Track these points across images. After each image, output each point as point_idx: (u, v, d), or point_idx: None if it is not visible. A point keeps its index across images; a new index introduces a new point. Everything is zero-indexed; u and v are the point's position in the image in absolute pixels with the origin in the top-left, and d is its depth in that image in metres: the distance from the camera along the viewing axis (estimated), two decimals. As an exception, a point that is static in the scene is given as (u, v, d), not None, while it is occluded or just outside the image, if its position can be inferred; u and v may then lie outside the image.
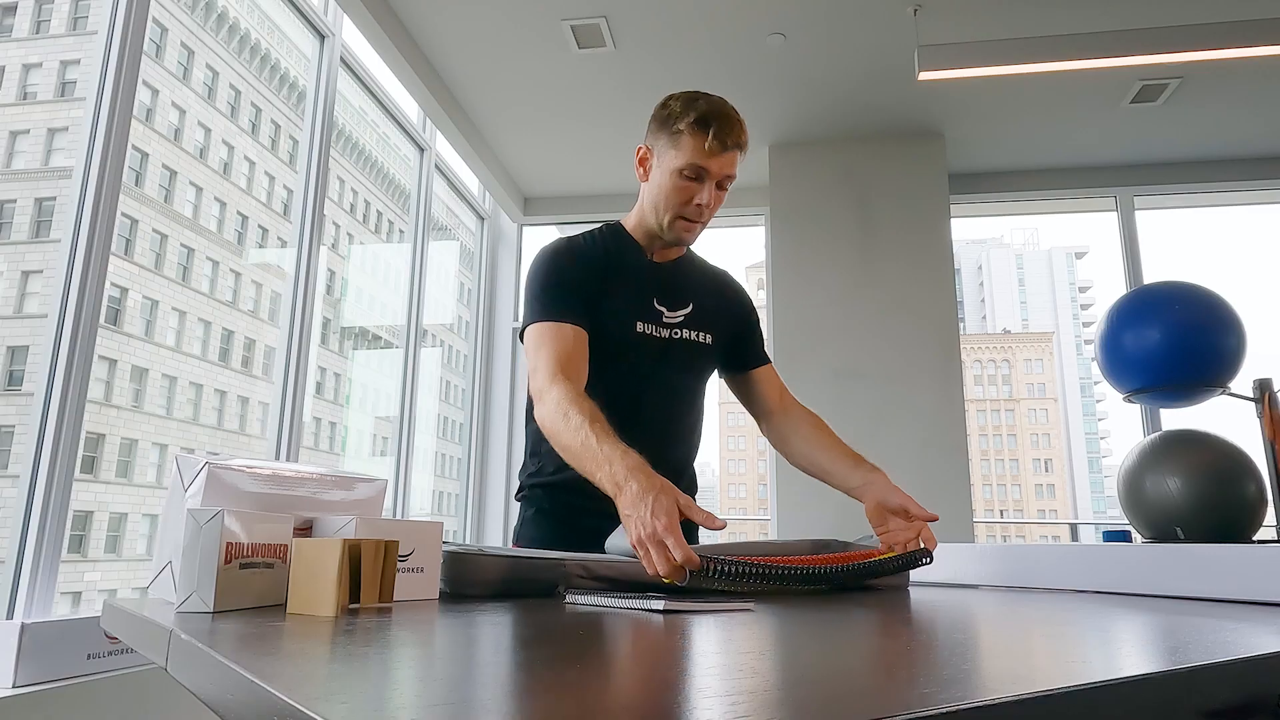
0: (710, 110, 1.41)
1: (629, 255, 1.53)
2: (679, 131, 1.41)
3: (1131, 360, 2.92)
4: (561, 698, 0.41)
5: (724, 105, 1.44)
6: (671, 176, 1.42)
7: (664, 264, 1.55)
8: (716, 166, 1.40)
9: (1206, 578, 1.05)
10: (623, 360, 1.46)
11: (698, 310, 1.54)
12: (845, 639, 0.70)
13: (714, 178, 1.42)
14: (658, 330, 1.49)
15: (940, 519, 1.33)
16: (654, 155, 1.47)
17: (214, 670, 0.51)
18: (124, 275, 3.71)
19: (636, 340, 1.47)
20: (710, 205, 1.43)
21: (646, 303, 1.50)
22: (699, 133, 1.39)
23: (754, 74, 3.89)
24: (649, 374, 1.48)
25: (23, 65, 3.45)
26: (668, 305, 1.51)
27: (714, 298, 1.59)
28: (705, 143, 1.38)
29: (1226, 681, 0.50)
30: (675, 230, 1.46)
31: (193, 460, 0.90)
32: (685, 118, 1.40)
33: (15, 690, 1.63)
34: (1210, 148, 4.59)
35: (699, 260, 1.64)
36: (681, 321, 1.52)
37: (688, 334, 1.52)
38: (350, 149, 4.60)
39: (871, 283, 4.39)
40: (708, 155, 1.39)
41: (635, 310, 1.48)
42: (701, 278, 1.60)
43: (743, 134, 1.42)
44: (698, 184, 1.42)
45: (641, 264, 1.53)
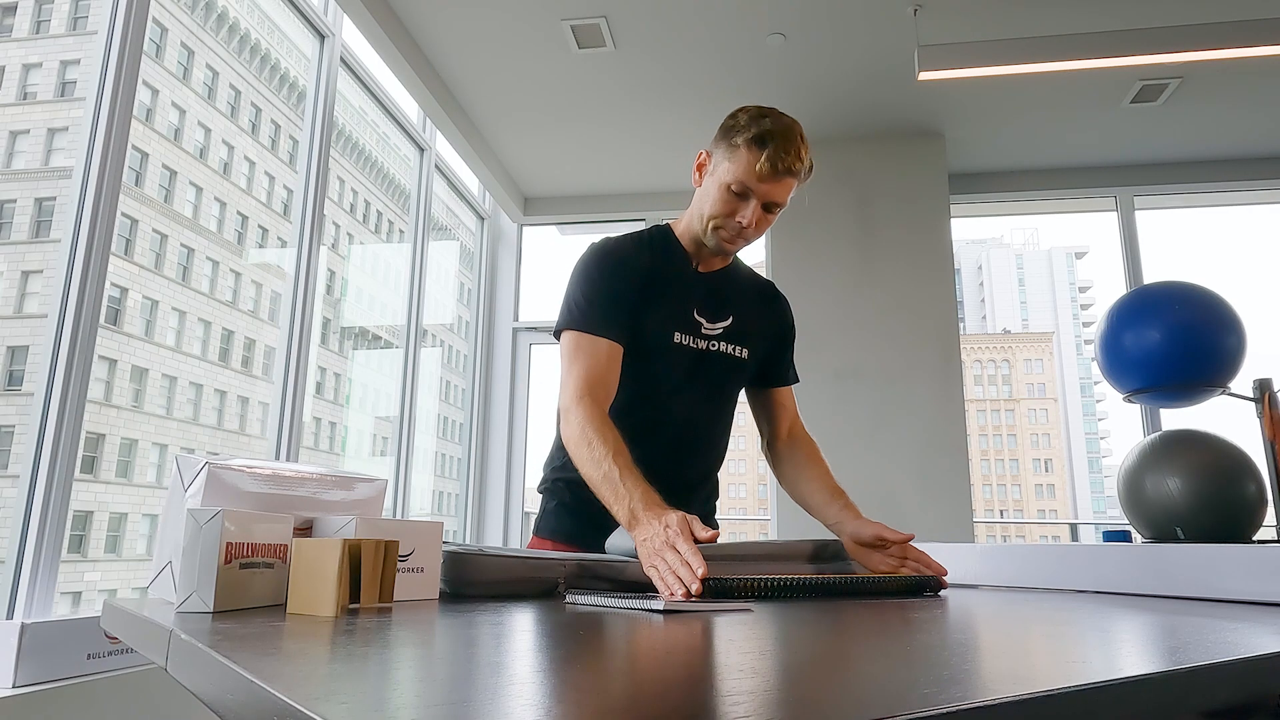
0: (772, 131, 1.35)
1: (675, 263, 1.50)
2: (736, 145, 1.37)
3: (1131, 360, 2.92)
4: (562, 698, 0.41)
5: (790, 129, 1.37)
6: (720, 189, 1.40)
7: (708, 274, 1.52)
8: (764, 190, 1.37)
9: (1206, 578, 1.05)
10: (656, 368, 1.45)
11: (737, 323, 1.52)
12: (845, 639, 0.70)
13: (760, 199, 1.38)
14: (695, 341, 1.47)
15: (940, 519, 1.32)
16: (711, 162, 1.45)
17: (214, 670, 0.51)
18: (124, 275, 3.71)
19: (673, 350, 1.45)
20: (754, 226, 1.40)
21: (687, 313, 1.48)
22: (754, 151, 1.35)
23: (754, 74, 3.89)
24: (680, 384, 1.47)
25: (23, 65, 3.45)
26: (707, 317, 1.49)
27: (755, 311, 1.56)
28: (757, 163, 1.34)
29: (1226, 681, 0.50)
30: (716, 238, 1.44)
31: (193, 460, 0.90)
32: (746, 133, 1.36)
33: (15, 690, 1.63)
34: (1210, 148, 4.59)
35: (745, 270, 1.61)
36: (720, 334, 1.50)
37: (724, 347, 1.50)
38: (350, 149, 4.60)
39: (871, 283, 4.39)
40: (757, 176, 1.35)
41: (675, 320, 1.46)
42: (745, 290, 1.57)
43: (798, 161, 1.35)
44: (743, 202, 1.39)
45: (686, 273, 1.51)
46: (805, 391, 5.00)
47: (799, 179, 1.39)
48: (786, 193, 1.39)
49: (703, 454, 1.54)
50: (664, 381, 1.46)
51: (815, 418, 4.35)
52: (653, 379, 1.45)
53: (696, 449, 1.52)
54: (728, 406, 1.57)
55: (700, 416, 1.51)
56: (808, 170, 1.39)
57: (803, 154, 1.36)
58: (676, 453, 1.48)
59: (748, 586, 0.98)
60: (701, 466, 1.55)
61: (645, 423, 1.43)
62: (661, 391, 1.46)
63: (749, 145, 1.35)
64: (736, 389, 1.57)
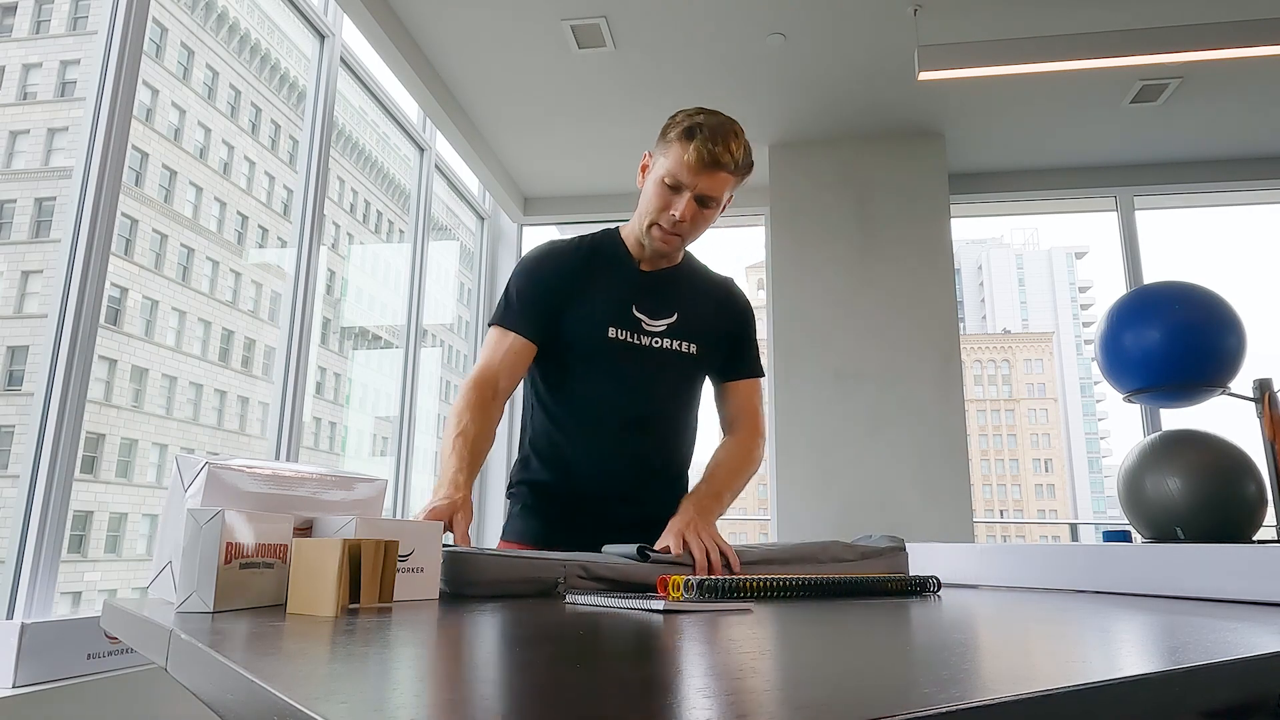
0: (702, 124, 1.38)
1: (616, 262, 1.53)
2: (670, 141, 1.41)
3: (1131, 360, 2.92)
4: (561, 698, 0.41)
5: (723, 125, 1.40)
6: (655, 184, 1.43)
7: (652, 272, 1.54)
8: (694, 181, 1.39)
9: (1206, 578, 1.05)
10: (592, 363, 1.48)
11: (683, 320, 1.52)
12: (845, 639, 0.70)
13: (692, 192, 1.40)
14: (635, 337, 1.49)
15: (940, 519, 1.33)
16: (652, 162, 1.48)
17: (214, 670, 0.51)
18: (124, 275, 3.71)
19: (607, 345, 1.47)
20: (688, 220, 1.42)
21: (624, 310, 1.49)
22: (684, 143, 1.38)
23: (754, 74, 3.89)
24: (618, 379, 1.48)
25: (23, 65, 3.45)
26: (648, 314, 1.51)
27: (705, 308, 1.57)
28: (685, 154, 1.37)
29: (1226, 681, 0.50)
30: (651, 238, 1.47)
31: (193, 460, 0.90)
32: (678, 128, 1.41)
33: (15, 690, 1.63)
34: (1210, 148, 4.59)
35: (697, 268, 1.62)
36: (663, 331, 1.51)
37: (669, 343, 1.51)
38: (350, 149, 4.60)
39: (871, 283, 4.39)
40: (686, 167, 1.38)
41: (609, 316, 1.48)
42: (694, 288, 1.58)
43: (726, 153, 1.37)
44: (676, 195, 1.41)
45: (627, 271, 1.53)
46: (805, 392, 4.97)
47: (731, 172, 1.40)
48: (720, 187, 1.41)
49: (656, 452, 1.54)
50: (601, 374, 1.48)
51: (815, 418, 4.37)
52: (589, 373, 1.48)
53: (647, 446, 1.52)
54: (680, 403, 1.56)
55: (646, 412, 1.51)
56: (742, 166, 1.41)
57: (733, 148, 1.38)
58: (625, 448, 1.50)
59: (748, 586, 0.98)
60: (660, 465, 1.55)
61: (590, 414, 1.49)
62: (601, 384, 1.48)
63: (679, 138, 1.39)
64: (689, 384, 1.57)
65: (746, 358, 1.62)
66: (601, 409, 1.48)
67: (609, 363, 1.47)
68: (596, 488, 1.48)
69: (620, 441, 1.49)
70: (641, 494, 1.50)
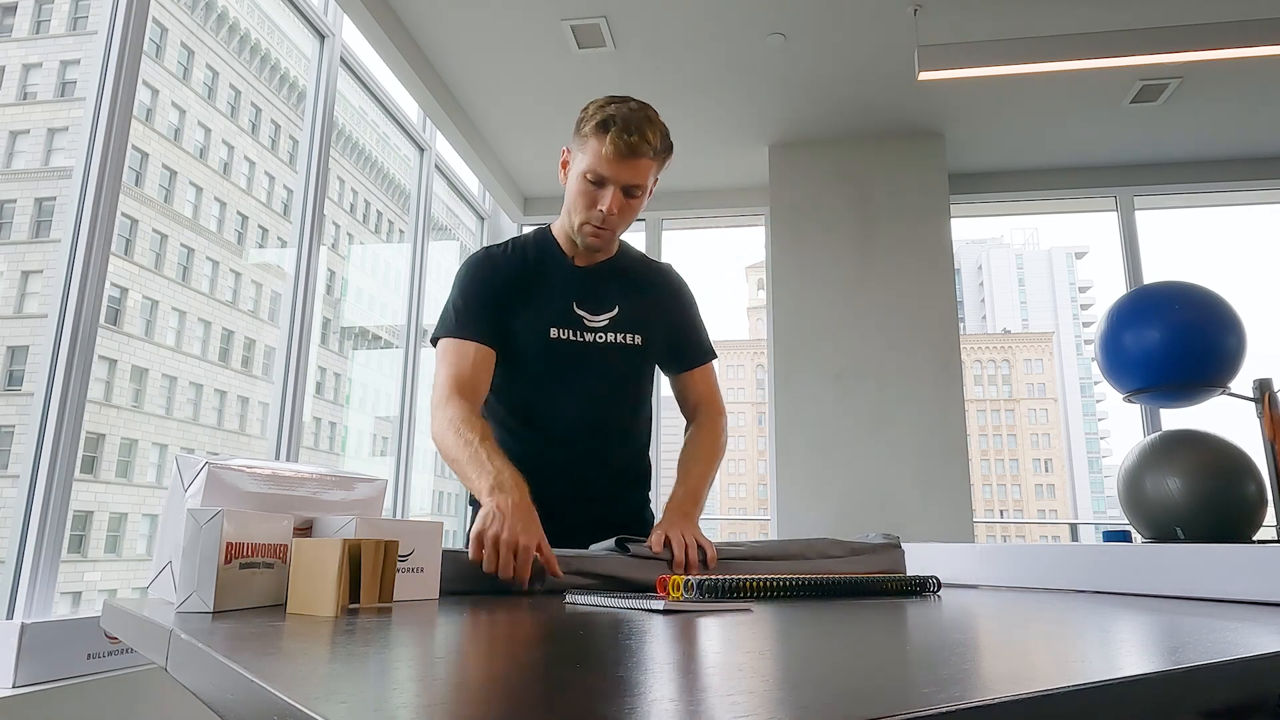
0: (615, 115, 1.37)
1: (551, 261, 1.52)
2: (585, 136, 1.40)
3: (1131, 360, 2.92)
4: (561, 698, 0.41)
5: (636, 112, 1.39)
6: (578, 181, 1.42)
7: (588, 268, 1.52)
8: (616, 173, 1.38)
9: (1206, 578, 1.05)
10: (538, 366, 1.46)
11: (625, 312, 1.51)
12: (845, 639, 0.70)
13: (616, 184, 1.39)
14: (578, 335, 1.47)
15: (940, 519, 1.33)
16: (571, 158, 1.46)
17: (214, 670, 0.51)
18: (124, 275, 3.71)
19: (550, 347, 1.46)
20: (617, 213, 1.41)
21: (565, 309, 1.48)
22: (600, 137, 1.36)
23: (754, 74, 3.89)
24: (567, 378, 1.47)
25: (23, 65, 3.45)
26: (590, 309, 1.49)
27: (645, 297, 1.55)
28: (603, 148, 1.36)
29: (1226, 681, 0.50)
30: (583, 235, 1.46)
31: (193, 460, 0.90)
32: (591, 122, 1.38)
33: (15, 690, 1.63)
34: (1210, 148, 4.59)
35: (634, 258, 1.61)
36: (606, 325, 1.50)
37: (614, 337, 1.49)
38: (350, 149, 4.60)
39: (871, 283, 4.39)
40: (606, 161, 1.37)
41: (550, 317, 1.47)
42: (631, 279, 1.56)
43: (644, 141, 1.36)
44: (601, 190, 1.40)
45: (563, 269, 1.51)
46: (805, 392, 4.97)
47: (652, 158, 1.40)
48: (643, 174, 1.40)
49: (613, 447, 1.54)
50: (548, 377, 1.47)
51: (815, 418, 4.36)
52: (536, 376, 1.47)
53: (604, 442, 1.52)
54: (630, 393, 1.55)
55: (599, 409, 1.50)
56: (661, 149, 1.41)
57: (649, 134, 1.38)
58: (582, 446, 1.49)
59: (748, 586, 0.98)
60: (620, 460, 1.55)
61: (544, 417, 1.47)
62: (549, 387, 1.47)
63: (595, 133, 1.37)
64: (638, 375, 1.55)
65: (695, 343, 1.60)
66: (554, 411, 1.47)
67: (556, 364, 1.46)
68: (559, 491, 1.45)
69: (577, 442, 1.48)
70: (605, 493, 1.51)
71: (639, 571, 1.15)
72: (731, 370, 59.98)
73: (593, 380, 1.48)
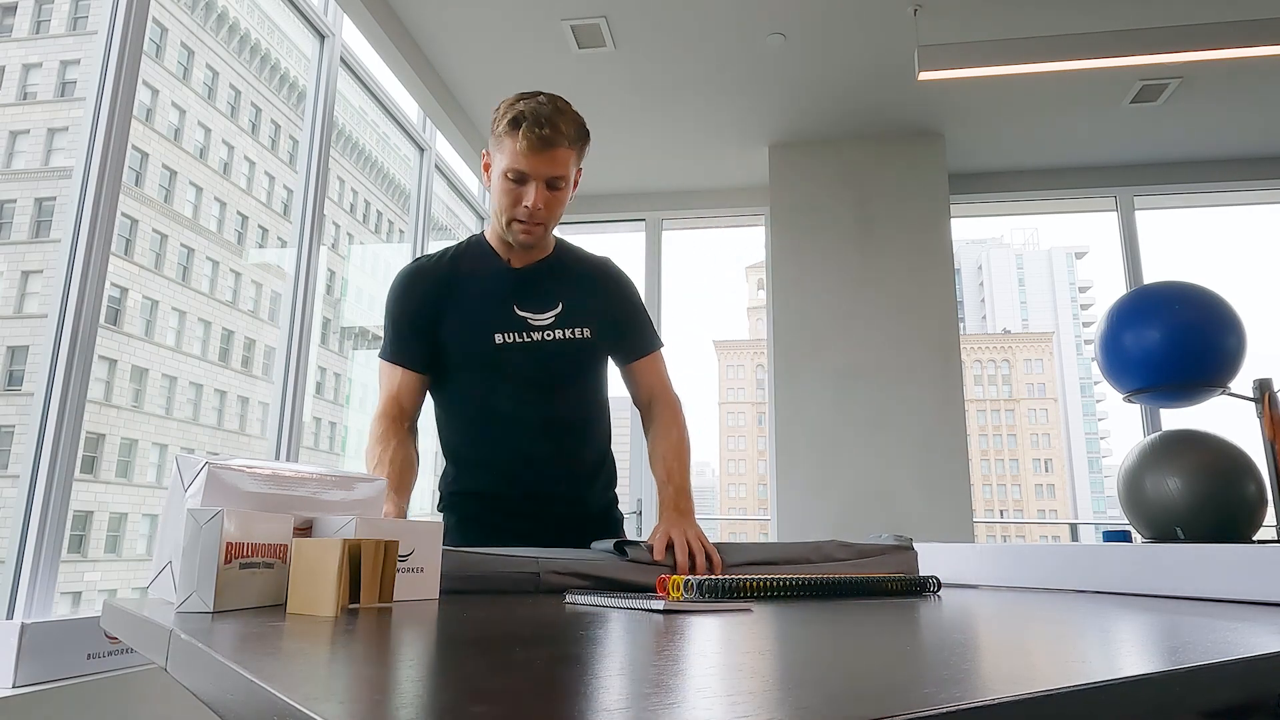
0: (524, 111, 1.38)
1: (485, 267, 1.51)
2: (499, 136, 1.40)
3: (1131, 360, 2.92)
4: (561, 698, 0.41)
5: (545, 105, 1.40)
6: (500, 180, 1.42)
7: (525, 268, 1.51)
8: (534, 167, 1.38)
9: (1206, 578, 1.05)
10: (488, 372, 1.46)
11: (569, 308, 1.50)
12: (845, 639, 0.70)
13: (537, 179, 1.39)
14: (524, 335, 1.46)
15: (940, 519, 1.33)
16: (491, 160, 1.46)
17: (214, 670, 0.51)
18: (124, 275, 3.70)
19: (497, 351, 1.45)
20: (543, 206, 1.41)
21: (507, 312, 1.47)
22: (512, 134, 1.37)
23: (754, 74, 3.89)
24: (521, 381, 1.46)
25: (23, 65, 3.45)
26: (533, 309, 1.48)
27: (587, 291, 1.54)
28: (518, 144, 1.36)
29: (1226, 681, 0.50)
30: (514, 233, 1.45)
31: (193, 460, 0.90)
32: (502, 121, 1.39)
33: (15, 690, 1.63)
34: (1210, 148, 4.59)
35: (573, 253, 1.60)
36: (551, 322, 1.48)
37: (562, 333, 1.48)
38: (350, 149, 4.60)
39: (871, 283, 4.39)
40: (523, 156, 1.37)
41: (493, 322, 1.46)
42: (570, 274, 1.55)
43: (556, 132, 1.37)
44: (523, 186, 1.40)
45: (499, 273, 1.50)
46: (805, 391, 4.96)
47: (569, 148, 1.40)
48: (563, 165, 1.40)
49: (576, 442, 1.53)
50: (502, 382, 1.46)
51: (815, 418, 4.36)
52: (488, 383, 1.46)
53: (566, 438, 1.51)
54: (586, 388, 1.54)
55: (557, 406, 1.49)
56: (575, 138, 1.41)
57: (561, 125, 1.38)
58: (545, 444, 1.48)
59: (748, 586, 0.98)
60: (584, 455, 1.55)
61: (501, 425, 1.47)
62: (503, 392, 1.46)
63: (508, 131, 1.38)
64: (591, 369, 1.54)
65: (641, 333, 1.59)
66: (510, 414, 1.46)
67: (505, 368, 1.45)
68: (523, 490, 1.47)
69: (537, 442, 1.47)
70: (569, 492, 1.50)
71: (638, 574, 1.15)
72: (731, 370, 59.95)
73: (544, 378, 1.47)
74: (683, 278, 39.61)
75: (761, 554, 1.26)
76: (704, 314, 49.45)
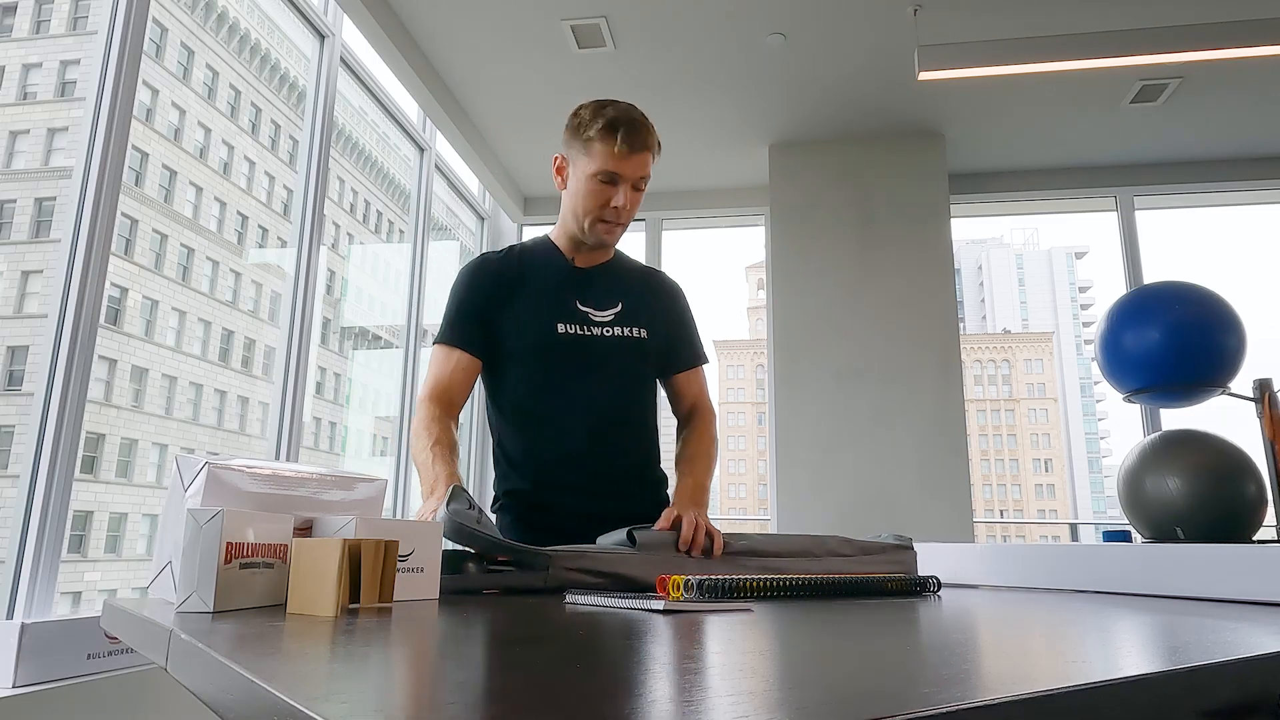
0: (618, 116, 1.47)
1: (550, 263, 1.58)
2: (590, 139, 1.47)
3: (1131, 360, 2.91)
4: (561, 698, 0.41)
5: (630, 110, 1.50)
6: (588, 182, 1.48)
7: (588, 268, 1.59)
8: (628, 169, 1.47)
9: (1206, 578, 1.05)
10: (546, 361, 1.51)
11: (628, 308, 1.57)
12: (845, 639, 0.70)
13: (627, 180, 1.48)
14: (585, 329, 1.52)
15: (940, 519, 1.33)
16: (569, 164, 1.53)
17: (214, 670, 0.51)
18: (124, 275, 3.71)
19: (559, 341, 1.50)
20: (627, 207, 1.50)
21: (569, 305, 1.53)
22: (609, 138, 1.45)
23: (754, 74, 3.89)
24: (577, 372, 1.51)
25: (23, 65, 3.45)
26: (594, 306, 1.55)
27: (645, 296, 1.62)
28: (615, 147, 1.44)
29: (1226, 681, 0.50)
30: (596, 233, 1.52)
31: (193, 460, 0.90)
32: (594, 125, 1.47)
33: (15, 690, 1.63)
34: (1210, 148, 4.59)
35: (628, 262, 1.68)
36: (612, 320, 1.55)
37: (620, 331, 1.55)
38: (350, 149, 4.59)
39: (871, 283, 4.39)
40: (618, 159, 1.46)
41: (555, 312, 1.52)
42: (630, 278, 1.64)
43: (650, 136, 1.48)
44: (612, 187, 1.48)
45: (563, 269, 1.57)
46: (806, 392, 4.96)
47: (655, 153, 1.51)
48: (647, 167, 1.50)
49: (627, 440, 1.56)
50: (558, 371, 1.50)
51: (815, 418, 4.36)
52: (546, 371, 1.51)
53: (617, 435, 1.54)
54: (640, 388, 1.59)
55: (611, 402, 1.53)
56: (658, 143, 1.52)
57: (650, 130, 1.49)
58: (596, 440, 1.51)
59: (748, 586, 0.98)
60: (635, 454, 1.57)
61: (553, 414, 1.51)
62: (559, 381, 1.50)
63: (602, 135, 1.46)
64: (644, 370, 1.60)
65: (691, 346, 1.67)
66: (564, 405, 1.50)
67: (566, 359, 1.50)
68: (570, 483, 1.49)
69: (593, 436, 1.51)
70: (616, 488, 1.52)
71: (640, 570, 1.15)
72: (731, 370, 59.92)
73: (602, 373, 1.52)
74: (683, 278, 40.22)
75: (765, 544, 1.27)
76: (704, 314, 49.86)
